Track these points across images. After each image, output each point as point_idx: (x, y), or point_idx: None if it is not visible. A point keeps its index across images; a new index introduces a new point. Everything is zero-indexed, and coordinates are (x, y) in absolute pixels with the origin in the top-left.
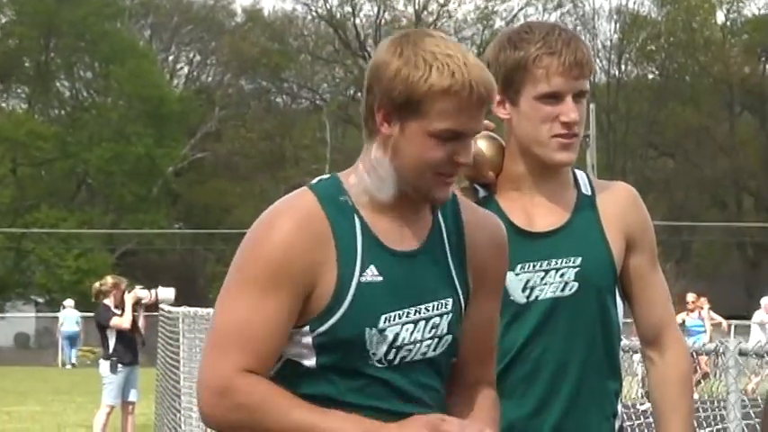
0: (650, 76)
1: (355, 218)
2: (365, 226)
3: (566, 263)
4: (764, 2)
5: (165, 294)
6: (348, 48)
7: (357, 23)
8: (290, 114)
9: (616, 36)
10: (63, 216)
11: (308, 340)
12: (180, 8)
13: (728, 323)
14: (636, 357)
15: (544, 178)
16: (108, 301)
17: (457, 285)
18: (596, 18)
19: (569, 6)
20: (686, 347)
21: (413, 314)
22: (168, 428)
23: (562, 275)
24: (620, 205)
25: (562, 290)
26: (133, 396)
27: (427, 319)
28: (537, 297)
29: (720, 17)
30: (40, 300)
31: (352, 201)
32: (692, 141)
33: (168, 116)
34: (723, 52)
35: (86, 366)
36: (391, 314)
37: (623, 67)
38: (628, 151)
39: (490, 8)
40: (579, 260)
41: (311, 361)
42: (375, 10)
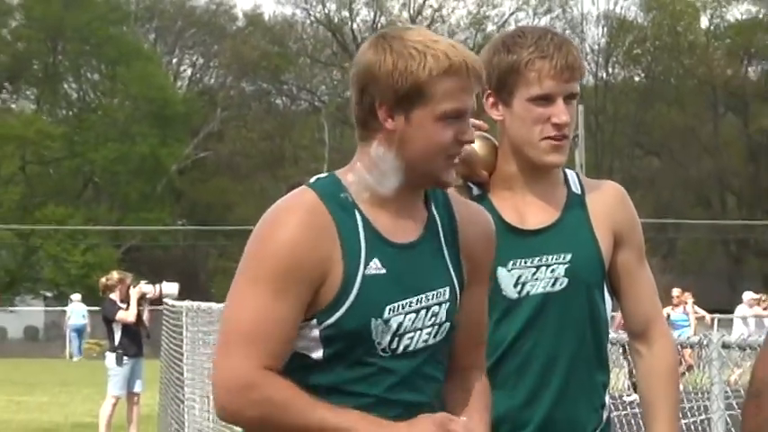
0: (637, 79)
1: (356, 213)
2: (366, 221)
3: (556, 259)
4: (746, 7)
5: (169, 289)
6: (346, 51)
7: (354, 28)
8: (290, 115)
9: (604, 40)
10: (70, 213)
11: (316, 333)
12: (183, 13)
13: (712, 317)
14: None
15: (535, 178)
16: (114, 296)
17: (452, 275)
18: (585, 23)
19: (558, 11)
20: (672, 341)
21: (414, 303)
22: (172, 418)
23: (552, 271)
24: (608, 203)
25: (552, 285)
26: (138, 387)
27: (427, 308)
28: (528, 292)
29: (704, 22)
30: (49, 294)
31: (352, 197)
32: (677, 141)
33: (172, 117)
34: (707, 55)
35: (93, 358)
36: (395, 304)
37: (611, 70)
38: (615, 151)
39: (482, 13)
40: (569, 257)
41: (318, 353)
42: (371, 15)
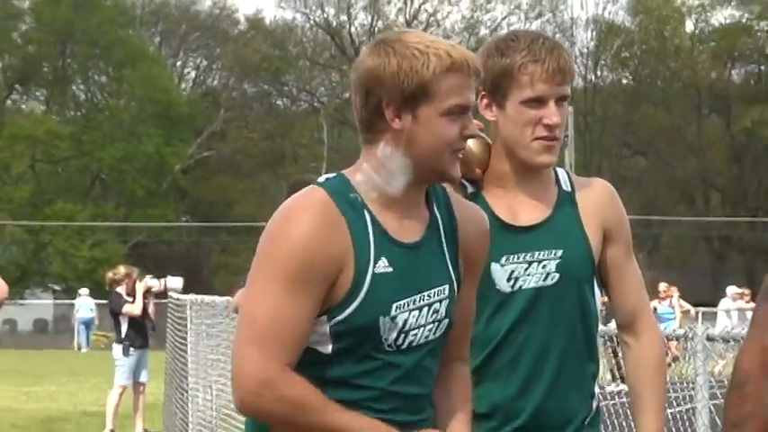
0: (624, 81)
1: (365, 213)
2: (375, 220)
3: (548, 255)
4: (730, 12)
5: (174, 283)
6: (344, 54)
7: (352, 32)
8: (290, 116)
9: (593, 43)
10: (78, 210)
11: (326, 329)
12: (187, 17)
13: (696, 310)
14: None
15: (527, 177)
16: (120, 290)
17: (451, 273)
18: (574, 27)
19: (549, 16)
20: (660, 333)
21: (417, 301)
22: (176, 407)
23: (544, 267)
24: (597, 201)
25: (544, 280)
26: (144, 377)
27: (429, 305)
28: (521, 287)
29: (689, 26)
30: (57, 287)
31: (361, 197)
32: (663, 141)
33: (176, 117)
34: (692, 59)
35: (100, 350)
36: (401, 302)
37: (599, 73)
38: (603, 151)
39: (476, 17)
40: (560, 252)
41: (327, 347)
42: (369, 19)
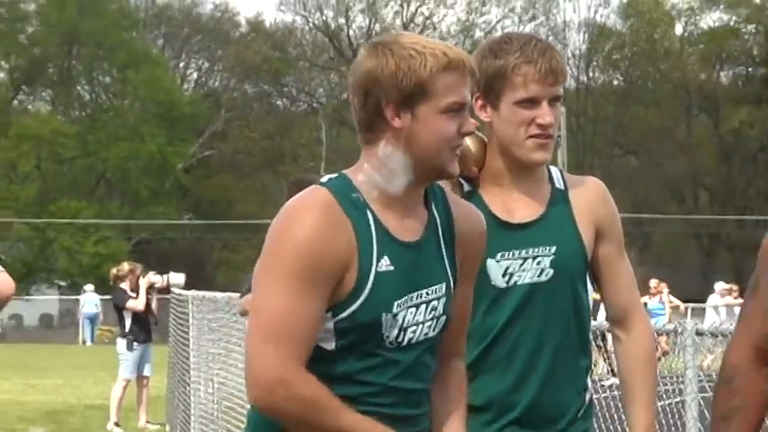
0: (615, 83)
1: (368, 212)
2: (377, 219)
3: (542, 251)
4: (719, 15)
5: (176, 279)
6: (342, 56)
7: (350, 34)
8: (290, 116)
9: (585, 46)
10: (83, 207)
11: (330, 325)
12: (190, 20)
13: (686, 306)
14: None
15: (522, 175)
16: (124, 285)
17: (448, 271)
18: (567, 29)
19: (542, 19)
20: (650, 327)
21: (416, 298)
22: (178, 400)
23: (539, 263)
24: (590, 199)
25: (539, 276)
26: (147, 371)
27: (427, 303)
28: (516, 282)
29: (679, 29)
30: (63, 283)
31: (363, 197)
32: (654, 141)
33: (179, 118)
34: (681, 61)
35: (104, 344)
36: (401, 300)
37: (591, 74)
38: (595, 150)
39: (471, 20)
40: (554, 249)
41: (331, 344)
42: (367, 22)
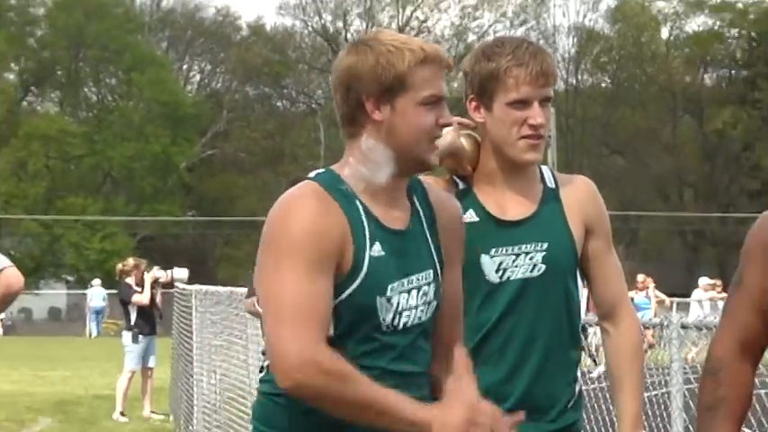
0: (603, 85)
1: (357, 202)
2: (366, 208)
3: (534, 248)
4: (703, 20)
5: (180, 274)
6: None
7: (348, 37)
8: (289, 117)
9: (574, 49)
10: (90, 205)
11: None
12: (193, 23)
13: (671, 300)
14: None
15: (514, 174)
16: (130, 280)
17: (434, 257)
18: (556, 33)
19: (533, 23)
20: (638, 321)
21: (406, 284)
22: (182, 390)
23: (531, 258)
24: (580, 197)
25: (531, 271)
26: (151, 362)
27: (418, 288)
28: (509, 277)
29: (665, 33)
30: (70, 278)
31: (351, 189)
32: (640, 141)
33: (182, 118)
34: (667, 63)
35: (110, 336)
36: (395, 284)
37: (580, 77)
38: (584, 150)
39: (464, 24)
40: (546, 245)
41: (330, 330)
42: (363, 26)
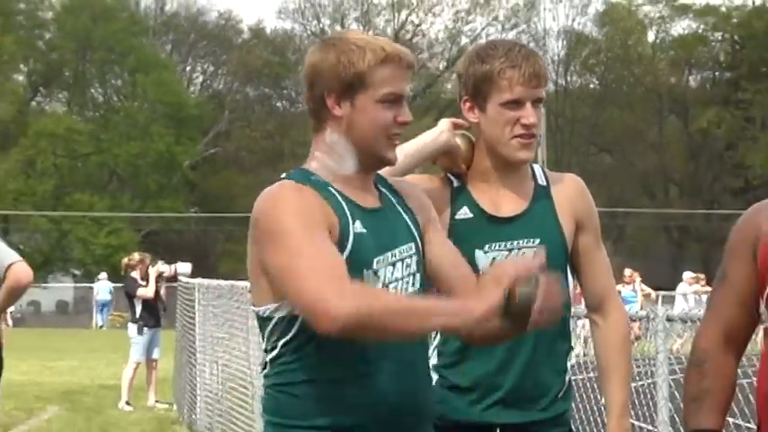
0: (592, 86)
1: (330, 188)
2: (340, 192)
3: (526, 243)
4: (688, 23)
5: (183, 268)
6: None
7: None
8: (289, 117)
9: (563, 52)
10: (96, 201)
11: None
12: (196, 27)
13: (657, 294)
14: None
15: (507, 172)
16: (135, 274)
17: (414, 231)
18: (547, 36)
19: (524, 26)
20: (625, 314)
21: (390, 257)
22: (185, 381)
23: (524, 254)
24: (570, 194)
25: None
26: (156, 354)
27: (402, 260)
28: None
29: (651, 36)
30: (77, 272)
31: (321, 178)
32: (627, 140)
33: (185, 118)
34: (653, 66)
35: (116, 329)
36: (380, 257)
37: (569, 78)
38: (573, 149)
39: (457, 28)
40: (537, 241)
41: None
42: (360, 29)
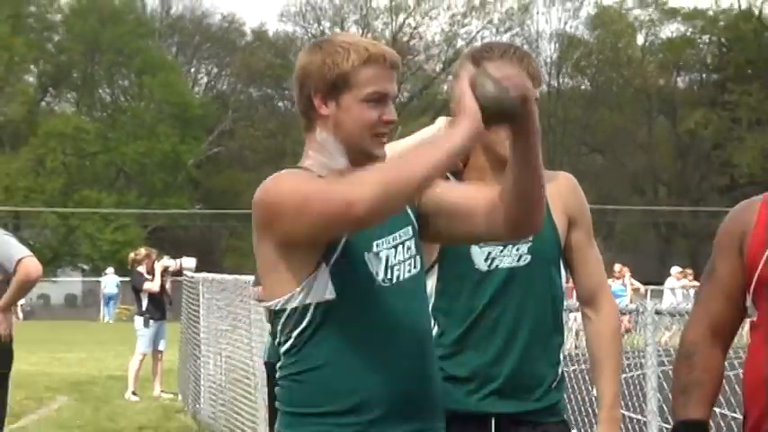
0: (583, 87)
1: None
2: None
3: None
4: (676, 27)
5: (188, 263)
6: None
7: None
8: (290, 117)
9: (555, 54)
10: (104, 198)
11: (326, 275)
12: (200, 29)
13: (646, 288)
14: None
15: (503, 170)
16: (141, 269)
17: (410, 216)
18: (539, 39)
19: (518, 29)
20: (616, 307)
21: (392, 241)
22: (189, 372)
23: (518, 249)
24: (562, 192)
25: (518, 261)
26: (161, 346)
27: (402, 243)
28: (497, 266)
29: (640, 39)
30: (86, 267)
31: (317, 173)
32: (617, 141)
33: (190, 118)
34: (642, 68)
35: (123, 321)
36: (380, 240)
37: (561, 80)
38: (564, 149)
39: (453, 31)
40: (531, 237)
41: (332, 293)
42: (359, 32)
